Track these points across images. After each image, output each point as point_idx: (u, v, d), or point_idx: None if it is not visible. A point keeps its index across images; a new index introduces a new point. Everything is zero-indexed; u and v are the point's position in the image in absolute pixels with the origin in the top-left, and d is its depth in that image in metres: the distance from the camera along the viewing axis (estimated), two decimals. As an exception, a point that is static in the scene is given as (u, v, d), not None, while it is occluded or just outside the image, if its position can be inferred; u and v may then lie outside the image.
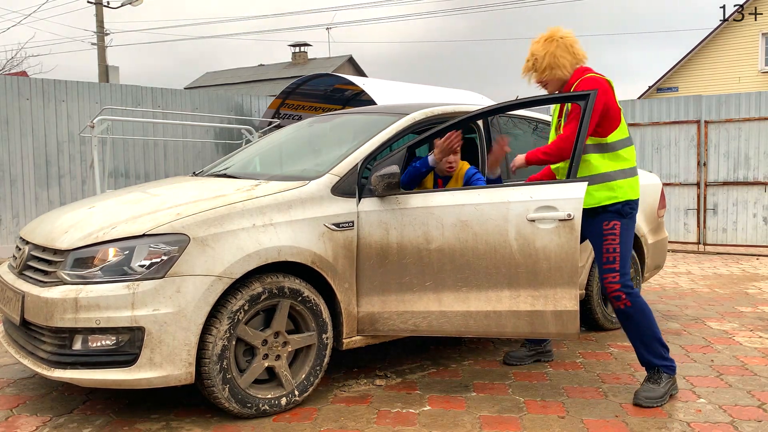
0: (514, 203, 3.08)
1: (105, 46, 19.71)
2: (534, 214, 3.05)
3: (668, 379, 3.09)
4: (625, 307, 3.07)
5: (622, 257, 3.08)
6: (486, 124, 3.84)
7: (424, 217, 3.11)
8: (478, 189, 3.18)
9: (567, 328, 3.06)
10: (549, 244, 3.02)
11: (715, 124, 8.74)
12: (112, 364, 2.62)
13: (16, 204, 8.06)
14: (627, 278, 3.09)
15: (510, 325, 3.11)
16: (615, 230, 3.09)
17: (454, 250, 3.09)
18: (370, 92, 8.78)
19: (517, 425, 2.79)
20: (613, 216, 3.10)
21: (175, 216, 2.76)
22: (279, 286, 2.87)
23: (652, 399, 3.02)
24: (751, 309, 5.10)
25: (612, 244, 3.08)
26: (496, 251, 3.07)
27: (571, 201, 3.02)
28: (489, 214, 3.08)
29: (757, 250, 8.57)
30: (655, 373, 3.11)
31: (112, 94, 8.90)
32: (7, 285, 2.97)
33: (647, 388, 3.06)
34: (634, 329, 3.09)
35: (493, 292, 3.09)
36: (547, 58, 3.15)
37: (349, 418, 2.88)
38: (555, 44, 3.16)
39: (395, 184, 3.08)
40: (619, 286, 3.06)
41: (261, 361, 2.87)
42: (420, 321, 3.15)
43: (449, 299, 3.11)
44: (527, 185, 3.15)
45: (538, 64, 3.17)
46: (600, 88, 3.05)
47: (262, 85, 30.89)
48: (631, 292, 3.07)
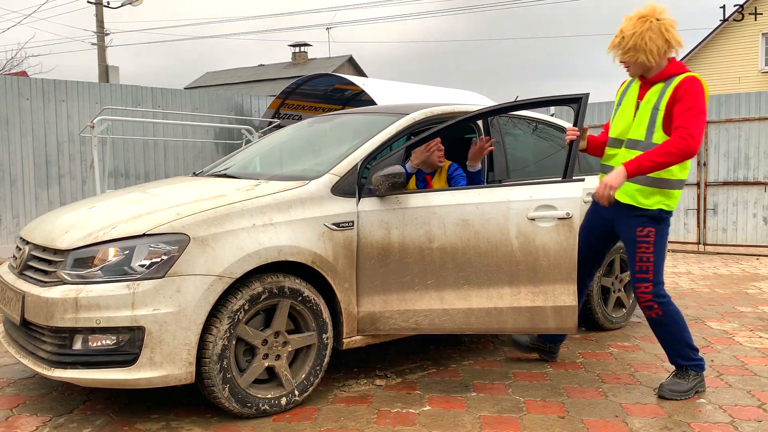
0: (514, 202, 3.18)
1: (105, 46, 19.71)
2: (534, 213, 3.16)
3: (696, 377, 3.11)
4: (656, 317, 3.06)
5: (656, 266, 3.03)
6: (486, 124, 3.85)
7: (426, 217, 3.15)
8: (478, 189, 3.27)
9: (566, 322, 3.18)
10: (548, 242, 3.14)
11: (715, 124, 8.74)
12: (113, 363, 2.62)
13: (16, 204, 8.06)
14: (660, 287, 3.04)
15: (511, 321, 3.19)
16: (650, 238, 3.01)
17: (456, 249, 3.15)
18: (370, 92, 8.77)
19: (517, 425, 2.79)
20: (648, 222, 3.01)
21: (175, 216, 2.76)
22: (279, 285, 2.87)
23: (677, 392, 3.05)
24: (751, 309, 5.10)
25: (646, 252, 3.02)
26: (498, 249, 3.15)
27: (570, 200, 3.17)
28: (490, 213, 3.16)
29: (757, 250, 8.57)
30: (682, 370, 3.13)
31: (112, 94, 8.90)
32: (8, 285, 2.97)
33: (673, 382, 3.09)
34: (665, 336, 3.10)
35: (494, 289, 3.16)
36: (634, 38, 2.93)
37: (349, 418, 2.88)
38: (648, 25, 2.92)
39: (401, 184, 3.11)
40: (652, 296, 3.03)
41: (261, 360, 2.87)
42: (422, 319, 3.17)
43: (451, 297, 3.16)
44: (526, 185, 3.21)
45: (624, 43, 2.95)
46: (701, 90, 2.91)
47: (262, 85, 30.89)
48: (664, 301, 3.04)
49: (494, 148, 3.68)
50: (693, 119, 2.87)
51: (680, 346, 3.10)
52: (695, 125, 2.86)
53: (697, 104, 2.89)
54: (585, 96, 3.13)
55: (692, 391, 3.09)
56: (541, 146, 4.26)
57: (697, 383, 3.12)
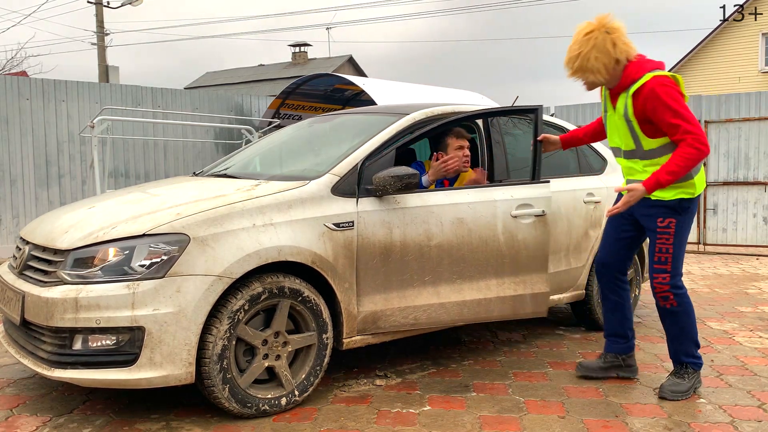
0: (500, 201, 3.49)
1: (105, 46, 19.71)
2: (516, 211, 3.50)
3: (694, 374, 3.12)
4: (671, 307, 3.04)
5: (675, 257, 2.98)
6: (486, 124, 3.86)
7: (425, 216, 3.26)
8: (468, 189, 3.50)
9: (540, 307, 3.60)
10: (528, 236, 3.51)
11: (715, 124, 8.74)
12: (112, 363, 2.62)
13: (16, 204, 8.06)
14: (678, 279, 3.01)
15: (497, 310, 3.49)
16: (670, 229, 2.97)
17: (452, 246, 3.33)
18: (370, 92, 8.77)
19: (517, 425, 2.79)
20: (668, 213, 2.97)
21: (175, 216, 2.76)
22: (279, 285, 2.87)
23: (678, 393, 3.05)
24: (751, 309, 5.10)
25: (665, 243, 2.98)
26: (487, 245, 3.42)
27: (543, 199, 3.57)
28: (481, 212, 3.42)
29: (757, 250, 8.57)
30: (681, 368, 3.12)
31: (112, 94, 8.90)
32: (8, 285, 2.97)
33: (673, 382, 3.09)
34: (674, 328, 3.08)
35: (484, 282, 3.43)
36: (580, 60, 2.88)
37: (349, 418, 2.88)
38: (592, 43, 2.85)
39: (415, 185, 3.18)
40: (669, 287, 3.01)
41: (261, 361, 2.87)
42: (420, 314, 3.27)
43: (446, 291, 3.33)
44: (507, 186, 3.56)
45: (570, 64, 2.93)
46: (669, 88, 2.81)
47: (262, 85, 30.88)
48: (680, 292, 3.02)
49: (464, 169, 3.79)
50: (685, 120, 2.81)
51: (687, 341, 3.08)
52: (691, 123, 2.80)
53: (674, 103, 2.80)
54: (539, 107, 3.58)
55: (691, 390, 3.09)
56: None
57: (695, 381, 3.13)
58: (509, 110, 3.71)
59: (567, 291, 4.17)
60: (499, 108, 3.72)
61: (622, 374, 3.36)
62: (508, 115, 3.73)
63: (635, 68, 2.90)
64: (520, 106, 3.69)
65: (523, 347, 4.00)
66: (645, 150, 2.98)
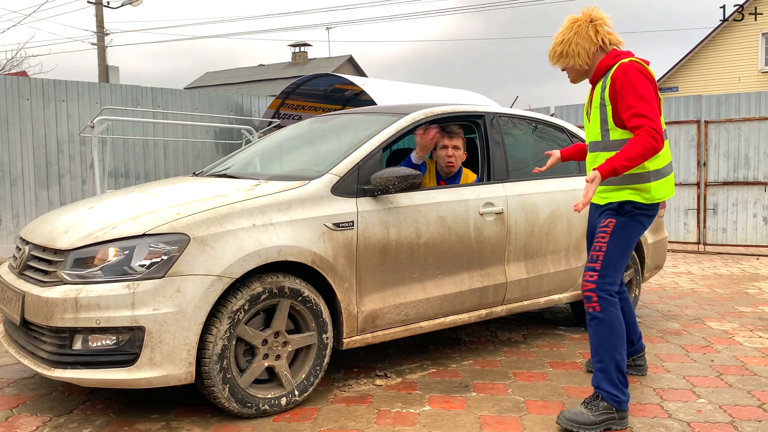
0: (470, 200, 3.64)
1: (105, 46, 19.71)
2: (482, 209, 3.67)
3: (607, 411, 2.71)
4: (593, 311, 2.76)
5: (607, 258, 2.78)
6: (486, 124, 3.86)
7: (414, 215, 3.35)
8: (444, 189, 3.63)
9: (498, 296, 3.78)
10: (491, 232, 3.70)
11: (715, 124, 8.74)
12: (112, 363, 2.62)
13: (16, 204, 8.06)
14: (606, 282, 2.77)
15: (468, 301, 3.64)
16: (608, 228, 2.84)
17: (436, 243, 3.44)
18: (370, 92, 8.77)
19: (517, 425, 2.79)
20: (610, 213, 2.87)
21: (176, 216, 2.76)
22: (279, 285, 2.87)
23: (573, 422, 2.68)
24: (751, 309, 5.10)
25: (600, 242, 2.82)
26: (462, 241, 3.57)
27: (500, 198, 3.77)
28: (457, 210, 3.56)
29: (757, 250, 8.58)
30: (595, 398, 2.75)
31: (112, 94, 8.90)
32: (8, 285, 2.97)
33: (576, 412, 2.72)
34: (596, 341, 2.78)
35: (458, 276, 3.57)
36: (562, 45, 2.91)
37: (349, 418, 2.88)
38: (575, 30, 2.89)
39: (418, 185, 3.26)
40: (593, 287, 2.77)
41: (261, 360, 2.87)
42: (410, 310, 3.35)
43: (431, 286, 3.45)
44: (473, 186, 3.74)
45: (553, 51, 2.95)
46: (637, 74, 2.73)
47: (262, 85, 30.89)
48: (606, 298, 2.75)
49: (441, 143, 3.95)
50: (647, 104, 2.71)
51: (609, 363, 2.75)
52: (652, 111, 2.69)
53: (639, 88, 2.71)
54: (487, 114, 3.88)
55: (598, 427, 2.68)
56: (541, 146, 4.26)
57: (608, 420, 2.70)
58: (459, 116, 3.88)
59: (567, 291, 4.17)
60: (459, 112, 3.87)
61: (632, 372, 3.43)
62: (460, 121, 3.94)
63: (611, 55, 2.90)
64: (466, 112, 3.89)
65: (523, 347, 4.01)
66: (609, 140, 2.86)
